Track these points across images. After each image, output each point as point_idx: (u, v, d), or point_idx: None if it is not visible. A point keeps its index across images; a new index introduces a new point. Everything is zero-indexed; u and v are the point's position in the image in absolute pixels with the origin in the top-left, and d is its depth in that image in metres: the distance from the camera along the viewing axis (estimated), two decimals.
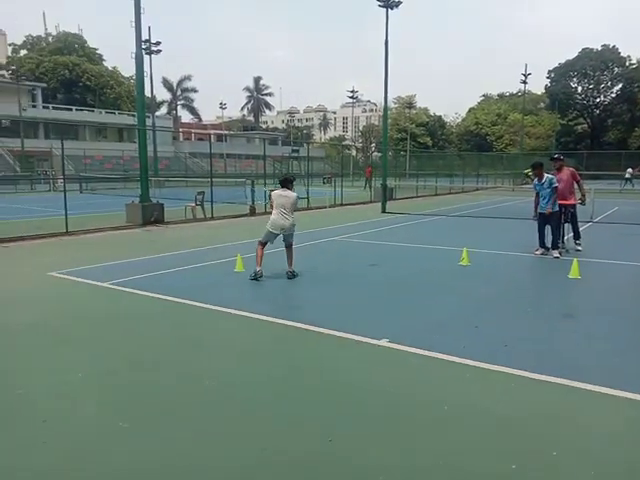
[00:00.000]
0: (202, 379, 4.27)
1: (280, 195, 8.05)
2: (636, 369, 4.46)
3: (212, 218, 16.80)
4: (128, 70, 62.44)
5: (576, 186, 10.51)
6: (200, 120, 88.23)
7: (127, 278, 7.91)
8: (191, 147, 61.77)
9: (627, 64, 69.08)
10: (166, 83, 73.57)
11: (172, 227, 15.00)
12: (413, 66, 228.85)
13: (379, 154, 44.28)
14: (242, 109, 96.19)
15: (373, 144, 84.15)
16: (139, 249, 10.92)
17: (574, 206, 10.52)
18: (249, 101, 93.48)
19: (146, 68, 16.52)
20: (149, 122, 37.57)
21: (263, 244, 8.05)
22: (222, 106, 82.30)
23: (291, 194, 8.06)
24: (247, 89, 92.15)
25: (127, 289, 7.29)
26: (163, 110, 74.29)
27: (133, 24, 15.13)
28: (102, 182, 36.79)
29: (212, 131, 72.63)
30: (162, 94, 74.50)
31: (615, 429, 3.49)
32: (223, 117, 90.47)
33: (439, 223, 16.78)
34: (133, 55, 15.34)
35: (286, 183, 8.18)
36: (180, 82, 74.62)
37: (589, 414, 3.69)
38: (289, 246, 8.12)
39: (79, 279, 7.92)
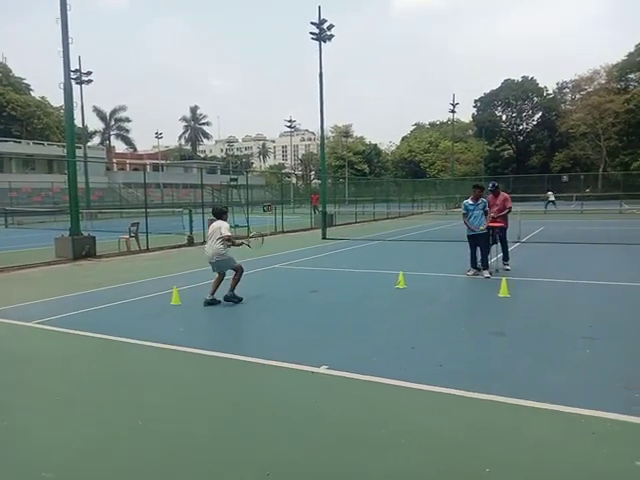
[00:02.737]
0: (134, 419, 4.09)
1: (212, 225, 8.35)
2: (565, 383, 4.67)
3: (148, 250, 16.34)
4: (58, 100, 60.40)
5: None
6: (135, 150, 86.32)
7: (55, 316, 7.51)
8: (125, 177, 60.09)
9: (545, 94, 74.28)
10: (99, 113, 71.68)
11: (105, 261, 14.46)
12: (349, 96, 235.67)
13: (319, 181, 44.89)
14: (179, 138, 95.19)
15: (313, 172, 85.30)
16: (69, 285, 10.43)
17: (503, 229, 11.04)
18: (186, 130, 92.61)
19: (76, 98, 16.06)
20: (80, 153, 36.37)
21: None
22: (158, 135, 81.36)
23: (216, 224, 8.24)
24: (184, 119, 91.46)
25: (55, 328, 6.91)
26: (96, 140, 72.17)
27: (61, 54, 14.77)
28: (30, 216, 35.03)
29: (147, 161, 71.21)
30: (95, 124, 72.49)
31: (549, 443, 3.62)
32: (160, 147, 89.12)
33: (377, 248, 17.12)
34: (62, 86, 14.92)
35: (220, 215, 8.35)
36: (113, 112, 72.94)
37: (523, 429, 3.80)
38: (222, 275, 8.33)
39: (2, 320, 7.45)
